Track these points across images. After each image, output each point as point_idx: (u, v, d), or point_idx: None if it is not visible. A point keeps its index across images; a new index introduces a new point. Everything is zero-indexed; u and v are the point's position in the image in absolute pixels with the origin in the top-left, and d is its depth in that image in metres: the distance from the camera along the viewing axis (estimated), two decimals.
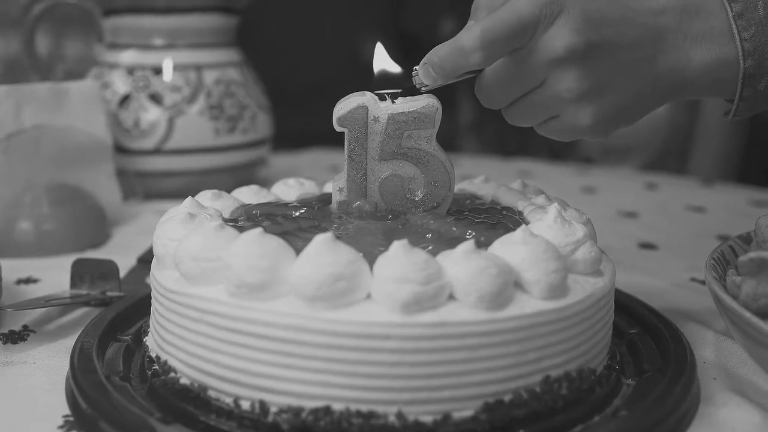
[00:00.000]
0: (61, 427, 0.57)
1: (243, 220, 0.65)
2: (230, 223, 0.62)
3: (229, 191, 0.73)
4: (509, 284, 0.54)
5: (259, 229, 0.56)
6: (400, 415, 0.52)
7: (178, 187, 1.22)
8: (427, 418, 0.52)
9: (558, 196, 0.72)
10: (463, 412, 0.53)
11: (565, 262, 0.57)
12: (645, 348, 0.66)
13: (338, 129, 0.66)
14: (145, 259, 0.90)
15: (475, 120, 2.11)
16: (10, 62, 1.78)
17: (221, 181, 1.20)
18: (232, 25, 1.30)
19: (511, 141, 2.03)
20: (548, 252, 0.56)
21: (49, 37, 1.75)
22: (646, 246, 1.07)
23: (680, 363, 0.62)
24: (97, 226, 1.04)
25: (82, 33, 1.77)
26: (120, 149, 1.21)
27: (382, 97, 0.66)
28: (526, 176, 1.50)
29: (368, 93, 0.66)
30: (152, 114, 1.22)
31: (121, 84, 1.23)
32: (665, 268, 0.95)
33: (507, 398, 0.54)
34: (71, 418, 0.58)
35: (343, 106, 0.65)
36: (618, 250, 1.00)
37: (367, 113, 0.65)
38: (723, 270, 0.69)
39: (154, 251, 0.63)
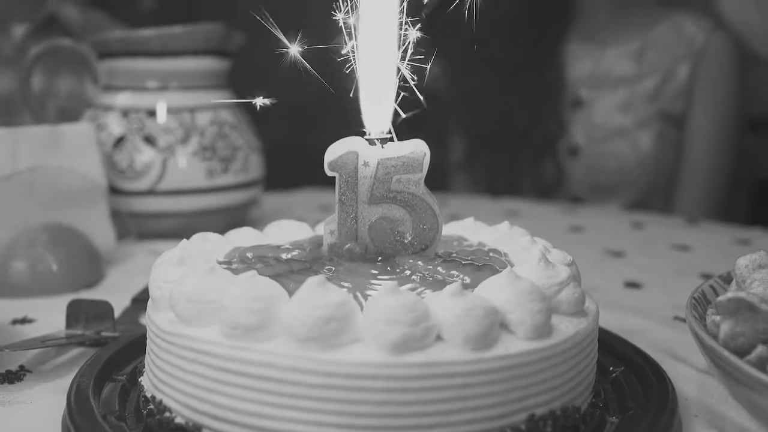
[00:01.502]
0: None
1: (236, 262, 0.67)
2: (224, 266, 0.64)
3: (222, 231, 0.74)
4: (495, 325, 0.56)
5: (252, 272, 0.57)
6: None
7: (172, 228, 1.24)
8: None
9: (545, 236, 0.74)
10: None
11: (549, 303, 0.59)
12: (629, 385, 0.68)
13: (329, 173, 0.67)
14: (140, 299, 0.91)
15: (465, 158, 2.13)
16: (3, 99, 1.80)
17: (214, 222, 1.21)
18: (225, 68, 1.33)
19: (501, 179, 2.05)
20: (532, 293, 0.57)
21: (43, 73, 1.77)
22: (632, 285, 1.08)
23: (662, 401, 0.63)
24: (92, 266, 1.05)
25: (74, 69, 1.79)
26: (114, 190, 1.23)
27: (371, 142, 0.68)
28: (514, 215, 1.52)
29: (359, 138, 0.68)
30: (146, 155, 1.24)
31: (115, 126, 1.25)
32: (649, 307, 0.97)
33: None
34: None
35: (334, 151, 0.67)
36: (604, 289, 1.02)
37: (357, 158, 0.67)
38: (703, 309, 0.71)
39: (150, 293, 0.64)
